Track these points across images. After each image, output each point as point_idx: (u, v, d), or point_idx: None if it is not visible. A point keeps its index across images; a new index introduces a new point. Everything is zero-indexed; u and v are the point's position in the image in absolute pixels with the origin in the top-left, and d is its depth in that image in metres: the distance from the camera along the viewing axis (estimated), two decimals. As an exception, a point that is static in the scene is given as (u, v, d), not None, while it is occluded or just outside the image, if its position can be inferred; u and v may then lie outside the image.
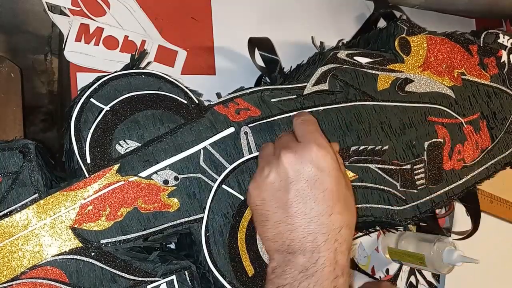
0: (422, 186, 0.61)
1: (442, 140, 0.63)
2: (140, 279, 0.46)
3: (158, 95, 0.49)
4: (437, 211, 0.76)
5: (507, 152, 0.71)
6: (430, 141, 0.62)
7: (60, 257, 0.44)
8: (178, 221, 0.48)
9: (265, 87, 0.55)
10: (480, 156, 0.67)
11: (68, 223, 0.44)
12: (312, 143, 0.45)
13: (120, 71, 0.49)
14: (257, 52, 0.61)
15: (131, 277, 0.46)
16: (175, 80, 0.51)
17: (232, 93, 0.54)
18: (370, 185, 0.58)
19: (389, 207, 0.59)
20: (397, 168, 0.60)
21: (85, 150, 0.46)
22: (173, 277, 0.48)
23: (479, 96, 0.68)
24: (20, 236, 0.43)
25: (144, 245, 0.48)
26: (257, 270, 0.50)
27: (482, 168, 0.68)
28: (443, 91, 0.65)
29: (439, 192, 0.63)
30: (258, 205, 0.46)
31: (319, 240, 0.43)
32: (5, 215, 0.43)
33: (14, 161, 0.44)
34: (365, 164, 0.58)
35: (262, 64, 0.60)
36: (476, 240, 0.72)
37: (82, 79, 0.56)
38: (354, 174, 0.56)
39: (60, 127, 0.55)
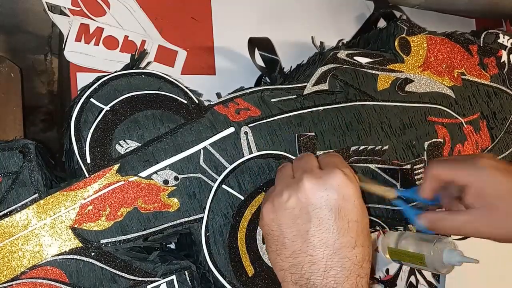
0: (422, 186, 0.61)
1: (442, 140, 0.63)
2: (140, 279, 0.46)
3: (158, 95, 0.49)
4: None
5: (507, 152, 0.71)
6: (430, 141, 0.62)
7: (60, 257, 0.44)
8: (178, 221, 0.48)
9: (265, 87, 0.55)
10: (480, 156, 0.67)
11: (68, 223, 0.44)
12: (338, 170, 0.42)
13: (120, 71, 0.49)
14: (257, 52, 0.61)
15: (131, 277, 0.46)
16: (175, 80, 0.51)
17: (232, 93, 0.54)
18: (370, 185, 0.58)
19: (389, 207, 0.59)
20: (397, 168, 0.60)
21: (85, 150, 0.46)
22: (173, 277, 0.48)
23: (479, 96, 0.68)
24: (20, 236, 0.43)
25: (144, 245, 0.48)
26: (257, 270, 0.50)
27: (482, 168, 0.68)
28: (443, 91, 0.65)
29: (439, 192, 0.63)
30: (273, 231, 0.42)
31: (342, 276, 0.39)
32: (5, 215, 0.43)
33: (14, 161, 0.44)
34: (365, 164, 0.58)
35: (262, 64, 0.60)
36: (476, 240, 0.72)
37: (82, 79, 0.56)
38: (354, 174, 0.56)
39: (60, 127, 0.55)
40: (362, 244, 0.41)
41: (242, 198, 0.50)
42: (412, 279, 0.76)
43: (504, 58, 0.72)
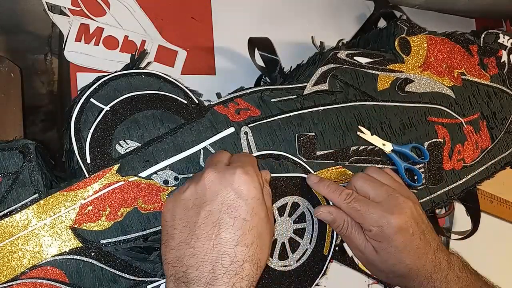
0: (422, 186, 0.61)
1: (442, 140, 0.63)
2: (140, 279, 0.46)
3: (158, 95, 0.49)
4: (437, 211, 0.76)
5: (507, 152, 0.71)
6: (430, 141, 0.62)
7: (60, 257, 0.44)
8: (178, 221, 0.48)
9: (265, 87, 0.55)
10: (480, 156, 0.67)
11: (68, 223, 0.44)
12: (238, 168, 0.42)
13: (120, 71, 0.49)
14: (257, 52, 0.61)
15: (131, 277, 0.46)
16: (175, 80, 0.51)
17: (232, 93, 0.54)
18: (370, 185, 0.58)
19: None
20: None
21: (85, 150, 0.46)
22: (173, 277, 0.48)
23: (479, 96, 0.68)
24: (20, 236, 0.43)
25: (144, 245, 0.48)
26: (257, 270, 0.50)
27: (482, 168, 0.68)
28: (443, 91, 0.65)
29: (439, 192, 0.63)
30: (167, 221, 0.43)
31: (218, 271, 0.39)
32: (5, 215, 0.43)
33: (14, 161, 0.44)
34: (365, 164, 0.58)
35: (262, 64, 0.60)
36: (476, 240, 0.72)
37: (82, 79, 0.56)
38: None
39: (60, 127, 0.54)
40: (248, 244, 0.40)
41: (242, 198, 0.50)
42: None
43: (504, 58, 0.72)
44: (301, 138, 0.54)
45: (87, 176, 0.45)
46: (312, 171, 0.54)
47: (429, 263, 0.50)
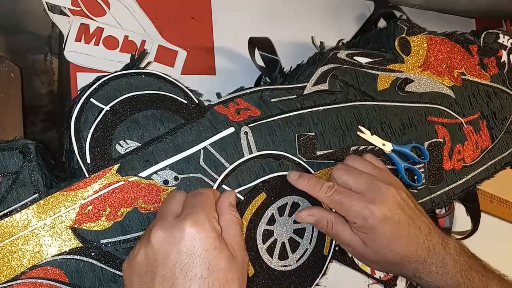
0: (421, 186, 0.61)
1: (442, 140, 0.63)
2: (140, 279, 0.46)
3: (158, 95, 0.49)
4: (437, 211, 0.76)
5: (507, 152, 0.71)
6: (430, 141, 0.62)
7: (60, 257, 0.44)
8: (178, 221, 0.48)
9: (265, 87, 0.55)
10: (480, 156, 0.67)
11: (68, 223, 0.44)
12: (187, 219, 0.39)
13: (120, 71, 0.49)
14: (257, 52, 0.61)
15: (131, 277, 0.46)
16: (175, 80, 0.51)
17: (232, 93, 0.54)
18: (370, 185, 0.58)
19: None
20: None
21: (85, 150, 0.46)
22: (173, 277, 0.47)
23: (479, 96, 0.68)
24: (20, 236, 0.43)
25: (144, 245, 0.48)
26: (257, 270, 0.50)
27: (482, 168, 0.68)
28: (443, 91, 0.65)
29: (439, 192, 0.63)
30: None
31: None
32: (5, 215, 0.43)
33: (14, 161, 0.44)
34: (365, 164, 0.58)
35: (262, 64, 0.60)
36: (476, 240, 0.72)
37: (82, 79, 0.56)
38: (354, 174, 0.56)
39: (60, 127, 0.54)
40: None
41: (242, 198, 0.50)
42: (412, 279, 0.76)
43: (504, 58, 0.72)
44: (301, 138, 0.54)
45: (87, 176, 0.45)
46: (312, 171, 0.54)
47: (421, 248, 0.49)
